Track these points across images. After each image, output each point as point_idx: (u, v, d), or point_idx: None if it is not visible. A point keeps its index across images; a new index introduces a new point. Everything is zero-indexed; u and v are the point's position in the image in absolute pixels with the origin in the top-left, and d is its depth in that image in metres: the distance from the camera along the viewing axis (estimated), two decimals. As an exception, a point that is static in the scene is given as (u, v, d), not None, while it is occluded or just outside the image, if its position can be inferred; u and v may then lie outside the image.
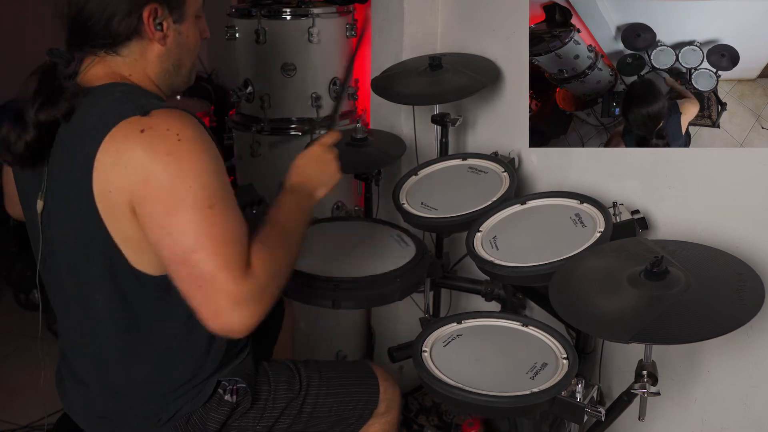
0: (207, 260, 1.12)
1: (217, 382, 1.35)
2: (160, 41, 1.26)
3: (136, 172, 1.12)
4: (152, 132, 1.13)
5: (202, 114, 3.12)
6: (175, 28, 1.28)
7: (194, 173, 1.13)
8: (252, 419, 1.40)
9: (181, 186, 1.12)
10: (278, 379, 1.45)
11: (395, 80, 2.10)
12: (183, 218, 1.12)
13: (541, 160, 1.93)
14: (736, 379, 1.53)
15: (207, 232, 1.12)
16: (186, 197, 1.12)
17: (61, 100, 1.20)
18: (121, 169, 1.13)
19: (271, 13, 2.52)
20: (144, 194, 1.13)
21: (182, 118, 1.16)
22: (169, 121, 1.14)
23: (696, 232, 1.53)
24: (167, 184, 1.12)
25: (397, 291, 1.64)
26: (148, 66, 1.28)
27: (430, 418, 2.19)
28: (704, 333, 1.19)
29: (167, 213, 1.12)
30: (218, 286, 1.12)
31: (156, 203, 1.13)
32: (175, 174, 1.12)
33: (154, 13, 1.23)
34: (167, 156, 1.12)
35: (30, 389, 2.44)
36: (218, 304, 1.13)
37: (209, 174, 1.15)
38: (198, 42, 1.35)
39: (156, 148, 1.12)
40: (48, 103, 1.19)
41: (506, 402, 1.30)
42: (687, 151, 1.56)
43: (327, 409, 1.47)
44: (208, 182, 1.14)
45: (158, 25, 1.25)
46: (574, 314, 1.30)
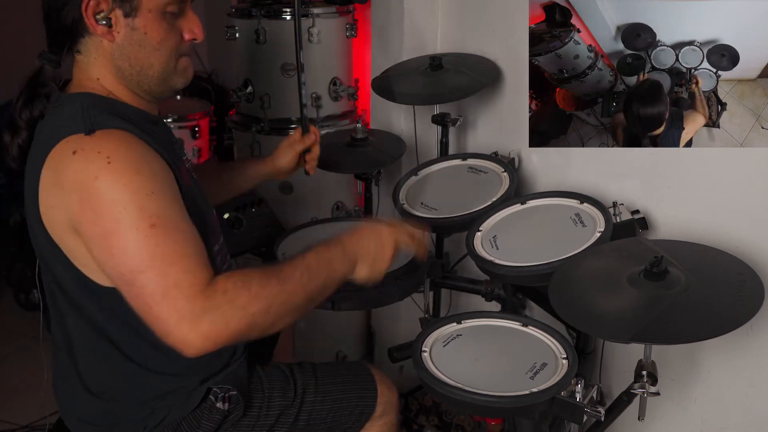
0: (155, 280, 1.08)
1: (208, 389, 1.33)
2: (106, 37, 1.20)
3: (71, 194, 1.11)
4: (83, 154, 1.11)
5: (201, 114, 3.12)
6: (127, 23, 1.19)
7: (127, 195, 1.09)
8: (245, 427, 1.38)
9: (114, 208, 1.09)
10: (272, 386, 1.43)
11: (395, 80, 2.10)
12: (123, 240, 1.09)
13: (541, 160, 1.93)
14: (736, 379, 1.53)
15: (151, 252, 1.09)
16: (122, 219, 1.09)
17: (37, 101, 1.22)
18: (59, 189, 1.13)
19: (271, 13, 2.52)
20: (80, 217, 1.11)
21: (118, 140, 1.13)
22: (103, 144, 1.11)
23: (696, 232, 1.52)
24: (101, 206, 1.09)
25: (396, 292, 1.64)
26: (107, 64, 1.23)
27: (430, 418, 2.19)
28: (704, 333, 1.18)
29: (106, 235, 1.10)
30: (167, 304, 1.07)
31: (93, 225, 1.11)
32: (106, 196, 1.09)
33: (95, 7, 1.17)
34: (95, 180, 1.09)
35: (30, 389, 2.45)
36: (168, 322, 1.07)
37: (145, 194, 1.10)
38: (167, 40, 1.24)
39: (86, 170, 1.10)
40: (27, 103, 1.22)
41: (506, 402, 1.30)
42: (687, 151, 1.56)
43: (324, 416, 1.46)
44: (145, 203, 1.10)
45: (103, 20, 1.18)
46: (574, 314, 1.30)
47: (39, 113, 1.22)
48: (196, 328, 1.06)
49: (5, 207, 3.09)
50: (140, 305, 1.10)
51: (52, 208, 1.15)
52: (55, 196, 1.14)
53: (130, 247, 1.09)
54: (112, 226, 1.09)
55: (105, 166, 1.09)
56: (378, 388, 1.53)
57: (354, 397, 1.50)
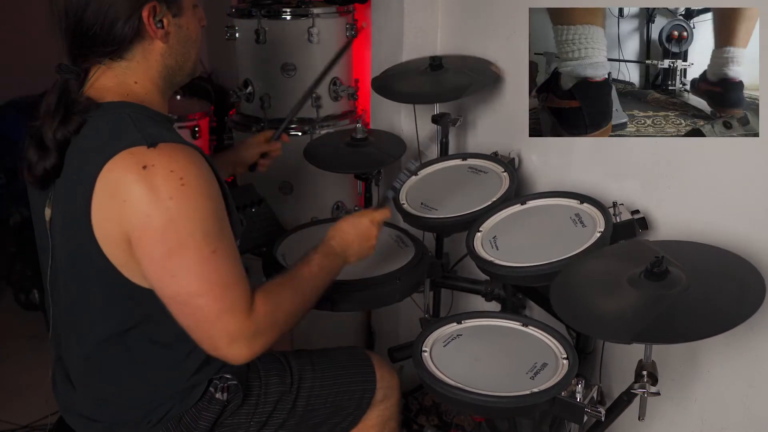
0: (210, 305, 1.15)
1: (209, 381, 1.35)
2: (162, 39, 1.25)
3: (135, 209, 1.12)
4: (154, 171, 1.11)
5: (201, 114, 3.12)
6: (176, 23, 1.26)
7: (197, 219, 1.13)
8: (245, 416, 1.39)
9: (183, 230, 1.12)
10: (268, 373, 1.44)
11: (395, 80, 2.10)
12: (185, 262, 1.13)
13: (541, 160, 1.94)
14: (736, 379, 1.53)
15: (209, 277, 1.15)
16: (188, 242, 1.13)
17: (73, 117, 1.20)
18: (119, 201, 1.12)
19: (271, 13, 2.52)
20: (143, 234, 1.13)
21: (187, 158, 1.15)
22: (173, 162, 1.13)
23: (696, 232, 1.52)
24: (169, 227, 1.12)
25: (396, 293, 1.64)
26: (152, 68, 1.27)
27: (430, 418, 2.19)
28: (705, 331, 1.18)
29: (169, 256, 1.13)
30: (220, 326, 1.17)
31: (156, 244, 1.13)
32: (176, 218, 1.11)
33: (153, 12, 1.22)
34: (169, 200, 1.11)
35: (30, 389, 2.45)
36: (218, 341, 1.18)
37: (211, 219, 1.15)
38: (199, 32, 1.33)
39: (158, 189, 1.11)
40: (63, 122, 1.20)
41: (506, 402, 1.30)
42: (687, 152, 1.56)
43: (322, 401, 1.46)
44: (211, 227, 1.15)
45: (158, 23, 1.23)
46: (575, 315, 1.30)
47: (75, 130, 1.20)
48: (246, 348, 1.20)
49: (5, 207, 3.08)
50: (191, 323, 1.19)
51: (106, 221, 1.15)
52: (114, 209, 1.13)
53: (192, 270, 1.14)
54: (177, 248, 1.13)
55: (179, 188, 1.11)
56: (377, 372, 1.53)
57: (353, 381, 1.50)
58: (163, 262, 1.14)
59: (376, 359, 1.56)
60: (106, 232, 1.16)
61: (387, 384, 1.54)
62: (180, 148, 1.16)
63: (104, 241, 1.17)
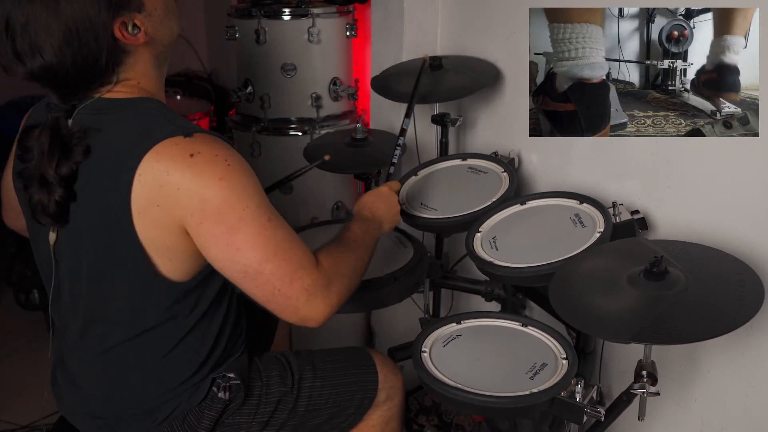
0: (282, 266, 1.22)
1: (212, 380, 1.36)
2: (143, 39, 1.24)
3: (191, 195, 1.16)
4: (202, 157, 1.17)
5: (201, 114, 3.12)
6: (145, 15, 1.23)
7: (247, 193, 1.21)
8: (246, 415, 1.40)
9: (238, 206, 1.19)
10: (269, 373, 1.44)
11: (395, 80, 2.10)
12: (247, 235, 1.20)
13: (541, 160, 1.94)
14: (736, 379, 1.53)
15: (272, 242, 1.22)
16: (245, 215, 1.19)
17: (75, 148, 1.20)
18: (172, 189, 1.16)
19: (270, 13, 2.52)
20: (202, 217, 1.18)
21: (223, 144, 1.22)
22: (215, 148, 1.20)
23: (696, 232, 1.52)
24: (226, 206, 1.18)
25: (395, 294, 1.64)
26: (146, 66, 1.27)
27: (430, 418, 2.19)
28: (704, 333, 1.19)
29: (230, 232, 1.19)
30: (297, 285, 1.23)
31: (217, 224, 1.18)
32: (230, 196, 1.18)
33: (124, 26, 1.20)
34: (221, 181, 1.17)
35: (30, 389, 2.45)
36: (297, 301, 1.24)
37: (257, 191, 1.23)
38: (168, 3, 1.29)
39: (209, 173, 1.17)
40: (64, 157, 1.20)
41: (506, 402, 1.30)
42: (687, 152, 1.56)
43: (324, 401, 1.46)
44: (260, 199, 1.23)
45: (133, 29, 1.22)
46: (574, 314, 1.30)
47: (82, 157, 1.20)
48: (324, 300, 1.26)
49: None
50: (267, 292, 1.24)
51: (157, 207, 1.17)
52: (166, 197, 1.17)
53: (255, 240, 1.20)
54: (236, 223, 1.19)
55: (227, 168, 1.19)
56: (379, 372, 1.52)
57: (354, 381, 1.50)
58: (227, 239, 1.19)
59: (379, 359, 1.55)
60: (153, 218, 1.18)
61: (390, 384, 1.53)
62: (214, 136, 1.24)
63: (146, 227, 1.19)
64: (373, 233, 1.48)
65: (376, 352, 1.59)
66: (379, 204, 1.56)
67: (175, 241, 1.21)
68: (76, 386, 1.39)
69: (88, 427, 1.40)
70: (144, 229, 1.20)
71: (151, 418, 1.33)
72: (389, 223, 1.56)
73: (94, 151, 1.21)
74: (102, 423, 1.37)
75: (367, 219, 1.50)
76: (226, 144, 1.23)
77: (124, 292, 1.27)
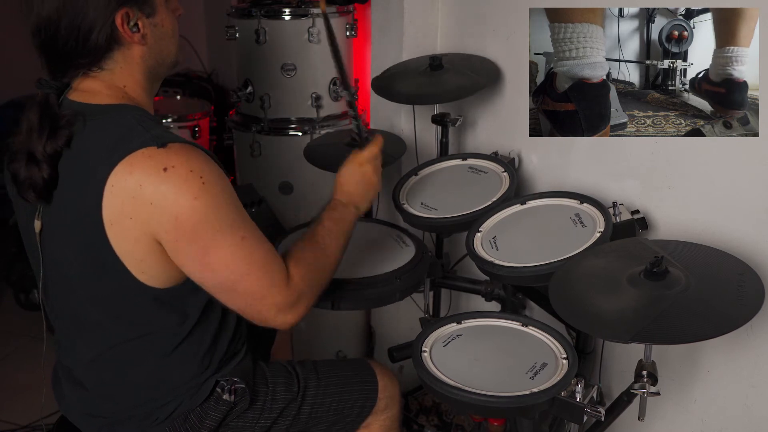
0: (254, 286, 1.24)
1: (216, 382, 1.36)
2: (140, 42, 1.24)
3: (164, 211, 1.15)
4: (176, 172, 1.14)
5: (201, 114, 3.12)
6: (151, 23, 1.25)
7: (221, 212, 1.19)
8: (250, 420, 1.40)
9: (212, 226, 1.18)
10: (276, 380, 1.45)
11: (395, 80, 2.10)
12: (221, 254, 1.19)
13: (541, 160, 1.94)
14: (736, 379, 1.53)
15: (247, 260, 1.22)
16: (218, 236, 1.18)
17: (61, 130, 1.20)
18: (144, 203, 1.15)
19: (271, 13, 2.52)
20: (176, 235, 1.17)
21: (199, 158, 1.19)
22: (190, 162, 1.16)
23: (696, 232, 1.52)
24: (199, 225, 1.17)
25: (397, 292, 1.64)
26: (135, 71, 1.26)
27: (430, 418, 2.19)
28: (704, 333, 1.18)
29: (205, 252, 1.19)
30: (268, 302, 1.26)
31: (191, 243, 1.18)
32: (204, 215, 1.17)
33: (126, 18, 1.21)
34: (195, 200, 1.15)
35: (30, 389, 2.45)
36: (266, 315, 1.27)
37: (233, 209, 1.21)
38: (175, 24, 1.32)
39: (183, 190, 1.15)
40: (49, 137, 1.20)
41: (506, 402, 1.30)
42: (687, 152, 1.56)
43: (326, 409, 1.47)
44: (234, 217, 1.21)
45: (134, 27, 1.22)
46: (574, 314, 1.30)
47: (65, 143, 1.20)
48: (293, 314, 1.29)
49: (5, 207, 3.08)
50: (240, 306, 1.28)
51: (130, 219, 1.16)
52: (138, 210, 1.15)
53: (228, 260, 1.20)
54: (210, 242, 1.18)
55: (201, 187, 1.16)
56: (379, 382, 1.53)
57: (355, 390, 1.51)
58: (201, 258, 1.19)
59: (378, 368, 1.57)
60: (124, 229, 1.17)
61: (389, 393, 1.55)
62: (189, 147, 1.19)
63: (118, 238, 1.18)
64: (348, 219, 1.45)
65: (375, 361, 1.59)
66: (352, 183, 1.49)
67: (149, 253, 1.19)
68: (77, 386, 1.39)
69: (88, 427, 1.40)
70: (117, 240, 1.18)
71: (152, 418, 1.33)
72: (363, 199, 1.50)
73: (71, 153, 1.21)
74: (102, 422, 1.37)
75: (338, 205, 1.46)
76: (202, 155, 1.20)
77: (108, 293, 1.26)
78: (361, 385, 1.52)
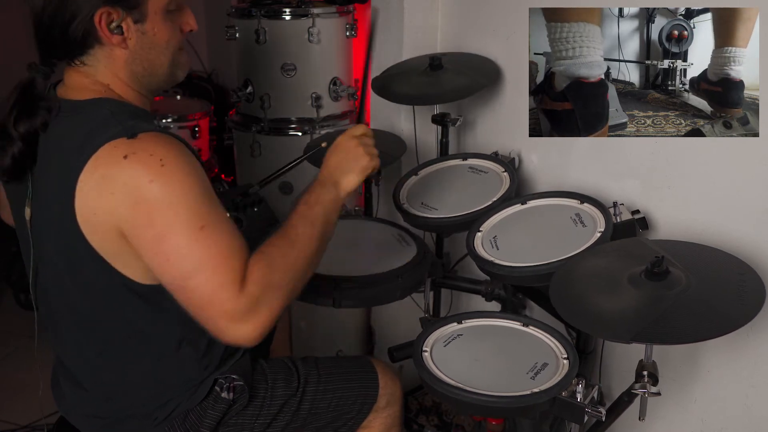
0: (203, 285, 1.13)
1: (215, 380, 1.36)
2: (121, 45, 1.22)
3: (123, 199, 1.12)
4: (136, 158, 1.11)
5: (201, 114, 3.12)
6: (138, 29, 1.22)
7: (179, 198, 1.12)
8: (249, 416, 1.40)
9: (168, 212, 1.12)
10: (275, 376, 1.45)
11: (395, 80, 2.10)
12: (175, 243, 1.12)
13: (542, 160, 1.94)
14: (736, 379, 1.53)
15: (200, 255, 1.13)
16: (174, 222, 1.12)
17: (39, 112, 1.20)
18: (107, 194, 1.12)
19: (270, 13, 2.52)
20: (133, 222, 1.13)
21: (167, 143, 1.15)
22: (152, 147, 1.13)
23: (696, 232, 1.53)
24: (154, 211, 1.11)
25: (398, 290, 1.64)
26: (119, 73, 1.25)
27: (430, 418, 2.19)
28: (704, 333, 1.19)
29: (159, 240, 1.12)
30: (217, 307, 1.13)
31: (146, 230, 1.12)
32: (160, 200, 1.11)
33: (107, 18, 1.19)
34: (150, 183, 1.10)
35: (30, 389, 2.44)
36: (218, 323, 1.14)
37: (195, 196, 1.14)
38: (172, 38, 1.27)
39: (140, 174, 1.11)
40: (24, 115, 1.19)
41: (506, 402, 1.30)
42: (687, 152, 1.56)
43: (326, 406, 1.47)
44: (195, 205, 1.13)
45: (116, 29, 1.20)
46: (575, 314, 1.30)
47: (41, 125, 1.20)
48: (248, 325, 1.14)
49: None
50: (192, 308, 1.15)
51: (95, 215, 1.15)
52: (102, 202, 1.13)
53: (183, 251, 1.12)
54: (165, 230, 1.12)
55: (159, 169, 1.11)
56: (380, 380, 1.53)
57: (356, 387, 1.50)
58: (156, 247, 1.13)
59: (379, 366, 1.56)
60: (94, 224, 1.16)
61: (390, 391, 1.54)
62: (161, 135, 1.16)
63: (95, 236, 1.17)
64: (325, 199, 1.32)
65: (377, 360, 1.59)
66: (335, 158, 1.38)
67: (122, 247, 1.16)
68: (76, 386, 1.38)
69: (88, 427, 1.40)
70: (92, 237, 1.17)
71: (151, 418, 1.33)
72: (351, 173, 1.36)
73: (49, 147, 1.21)
74: (102, 422, 1.37)
75: (317, 185, 1.34)
76: (175, 143, 1.16)
77: (91, 291, 1.25)
78: (361, 382, 1.52)
